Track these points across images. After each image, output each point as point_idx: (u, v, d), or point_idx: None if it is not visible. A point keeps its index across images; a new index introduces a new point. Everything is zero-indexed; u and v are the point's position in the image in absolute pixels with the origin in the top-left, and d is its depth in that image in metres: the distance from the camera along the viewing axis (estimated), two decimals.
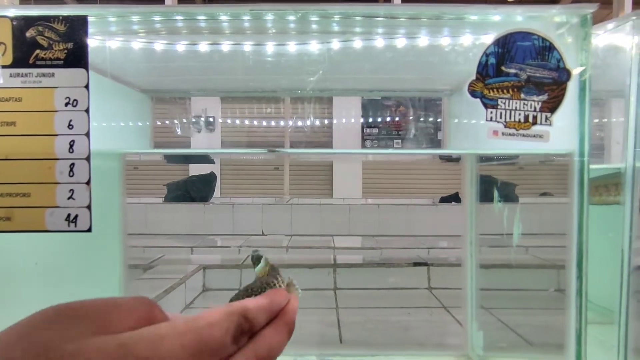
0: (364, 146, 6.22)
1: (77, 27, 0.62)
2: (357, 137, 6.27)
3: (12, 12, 0.62)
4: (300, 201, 4.82)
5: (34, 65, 0.61)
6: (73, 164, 0.62)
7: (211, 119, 5.56)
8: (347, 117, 6.14)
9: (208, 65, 0.85)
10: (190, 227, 4.01)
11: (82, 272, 0.89)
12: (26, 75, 0.62)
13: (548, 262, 2.30)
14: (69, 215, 0.62)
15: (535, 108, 0.63)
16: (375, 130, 6.26)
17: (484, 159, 1.16)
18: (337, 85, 1.10)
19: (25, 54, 0.61)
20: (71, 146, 0.62)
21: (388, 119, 6.14)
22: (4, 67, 0.61)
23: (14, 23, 0.61)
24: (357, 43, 0.73)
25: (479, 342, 1.07)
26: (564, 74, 0.62)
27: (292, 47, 0.73)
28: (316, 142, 6.03)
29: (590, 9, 0.63)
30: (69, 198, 0.62)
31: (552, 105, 0.63)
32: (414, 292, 2.05)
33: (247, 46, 0.73)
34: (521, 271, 2.18)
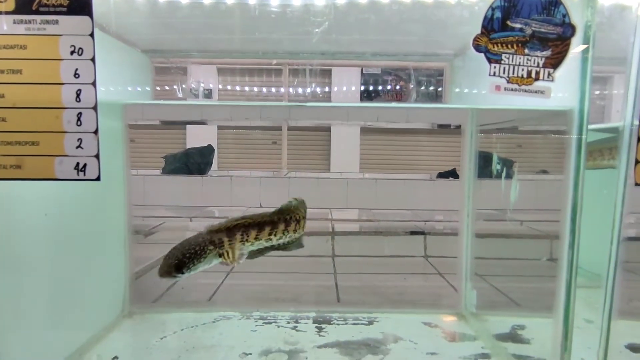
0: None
1: None
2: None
3: None
4: (298, 175, 4.84)
5: (37, 12, 0.61)
6: (80, 113, 0.63)
7: (208, 91, 5.50)
8: (346, 92, 6.07)
9: (211, 21, 0.84)
10: (189, 199, 4.03)
11: (90, 226, 0.91)
12: (30, 22, 0.61)
13: (542, 233, 2.36)
14: (77, 164, 0.63)
15: (538, 64, 0.63)
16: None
17: (483, 129, 1.17)
18: (340, 48, 1.09)
19: (28, 0, 0.61)
20: (78, 95, 0.62)
21: (388, 92, 6.09)
22: (6, 13, 0.61)
23: None
24: None
25: (472, 301, 1.12)
26: (569, 30, 0.62)
27: (297, 1, 0.72)
28: (314, 118, 5.98)
29: None
30: (77, 147, 0.63)
31: (555, 62, 0.63)
32: (411, 260, 2.10)
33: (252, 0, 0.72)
34: (516, 241, 2.23)
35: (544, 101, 0.65)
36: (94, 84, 0.63)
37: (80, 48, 0.62)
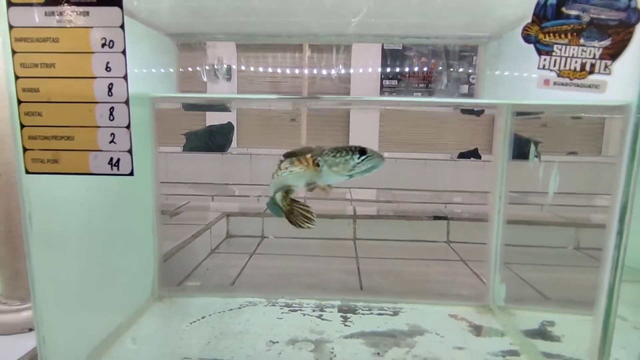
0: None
1: None
2: (376, 89, 6.10)
3: None
4: None
5: (68, 3, 0.60)
6: (113, 108, 0.62)
7: (228, 66, 5.48)
8: (366, 68, 5.93)
9: (242, 4, 0.81)
10: (210, 176, 4.09)
11: (121, 213, 0.93)
12: (61, 13, 0.60)
13: (568, 220, 2.29)
14: (111, 158, 0.63)
15: (594, 55, 0.58)
16: (395, 82, 6.08)
17: (519, 112, 1.11)
18: (370, 30, 1.04)
19: None
20: (110, 89, 0.62)
21: (408, 69, 5.91)
22: (38, 4, 0.60)
23: None
24: None
25: (500, 294, 1.10)
26: (634, 15, 0.57)
27: None
28: (334, 94, 5.94)
29: None
30: (110, 142, 0.63)
31: (614, 52, 0.58)
32: (433, 245, 2.08)
33: None
34: (540, 228, 2.17)
35: (598, 95, 0.60)
36: (125, 77, 0.62)
37: (111, 40, 0.60)
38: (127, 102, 0.62)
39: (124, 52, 0.61)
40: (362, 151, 0.67)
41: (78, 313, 0.81)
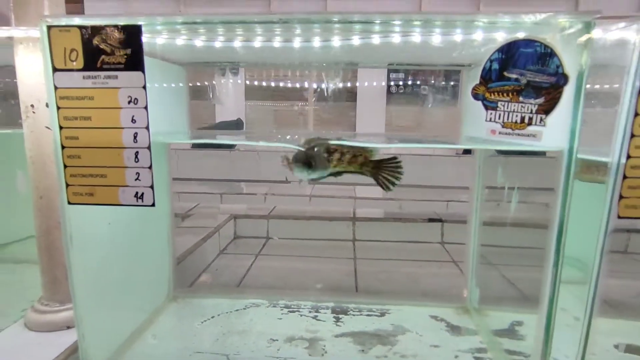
0: (389, 92, 6.21)
1: (133, 35, 0.72)
2: (383, 82, 6.19)
3: (78, 21, 0.72)
4: None
5: (101, 69, 0.73)
6: (137, 152, 0.76)
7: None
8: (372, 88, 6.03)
9: (243, 44, 0.94)
10: (219, 173, 4.23)
11: (141, 228, 1.07)
12: (95, 77, 0.74)
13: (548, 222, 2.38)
14: (136, 192, 0.78)
15: (531, 110, 0.70)
16: (402, 75, 6.15)
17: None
18: (361, 59, 1.17)
19: (93, 59, 0.73)
20: (135, 137, 0.75)
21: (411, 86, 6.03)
22: (77, 70, 0.74)
23: (83, 32, 0.72)
24: (376, 39, 0.80)
25: (475, 296, 1.23)
26: (562, 79, 0.69)
27: (316, 43, 0.81)
28: (341, 87, 6.06)
29: (594, 16, 0.68)
30: (136, 179, 0.77)
31: (547, 108, 0.70)
32: (427, 246, 2.20)
33: (276, 43, 0.82)
34: (523, 229, 2.28)
35: (536, 142, 0.72)
36: (147, 127, 0.75)
37: (135, 98, 0.74)
38: (149, 148, 0.76)
39: (146, 108, 0.75)
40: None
41: (108, 314, 0.96)
